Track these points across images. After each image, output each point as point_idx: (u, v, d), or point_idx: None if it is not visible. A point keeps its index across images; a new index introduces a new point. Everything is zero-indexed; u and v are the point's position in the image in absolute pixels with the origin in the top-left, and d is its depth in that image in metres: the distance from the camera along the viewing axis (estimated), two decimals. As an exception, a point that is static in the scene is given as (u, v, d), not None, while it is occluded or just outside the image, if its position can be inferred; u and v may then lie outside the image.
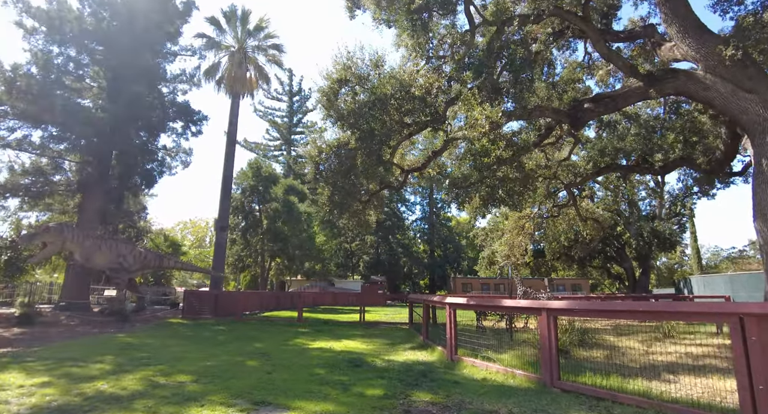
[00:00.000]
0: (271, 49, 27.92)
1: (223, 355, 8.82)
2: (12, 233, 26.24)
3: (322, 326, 15.60)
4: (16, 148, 20.57)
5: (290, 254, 29.92)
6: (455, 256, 62.89)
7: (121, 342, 10.39)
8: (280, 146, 54.86)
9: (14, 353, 8.23)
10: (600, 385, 5.88)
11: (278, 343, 11.18)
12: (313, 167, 13.85)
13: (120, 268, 16.49)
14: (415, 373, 7.30)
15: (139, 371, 6.81)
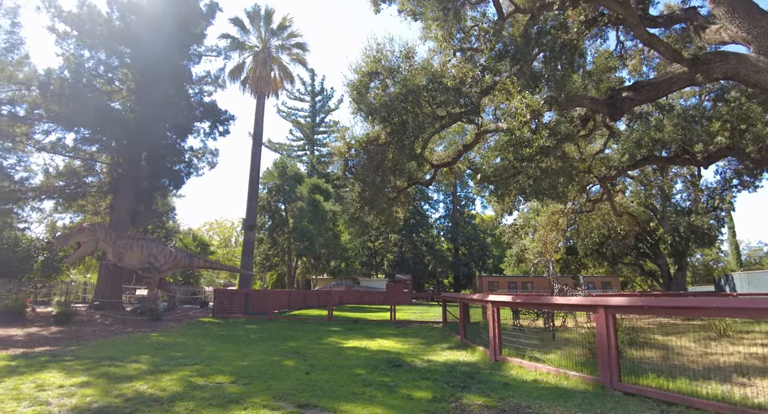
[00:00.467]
0: (295, 48, 27.89)
1: (258, 355, 8.64)
2: (48, 234, 26.94)
3: (353, 325, 15.36)
4: (51, 151, 21.02)
5: (316, 253, 29.85)
6: (480, 254, 62.03)
7: (155, 341, 10.34)
8: (304, 146, 55.01)
9: (53, 352, 8.21)
10: (667, 388, 5.42)
11: (312, 342, 10.97)
12: (342, 164, 13.61)
13: (151, 267, 16.60)
14: (461, 375, 6.94)
15: (176, 371, 6.65)
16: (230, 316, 17.03)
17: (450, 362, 8.15)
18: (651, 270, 38.93)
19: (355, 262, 40.99)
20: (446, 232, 64.38)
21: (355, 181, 13.07)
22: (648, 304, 5.48)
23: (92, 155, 20.85)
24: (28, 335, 10.81)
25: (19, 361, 7.05)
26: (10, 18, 27.89)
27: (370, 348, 10.03)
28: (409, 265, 51.44)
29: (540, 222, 21.54)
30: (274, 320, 16.52)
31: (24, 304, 13.66)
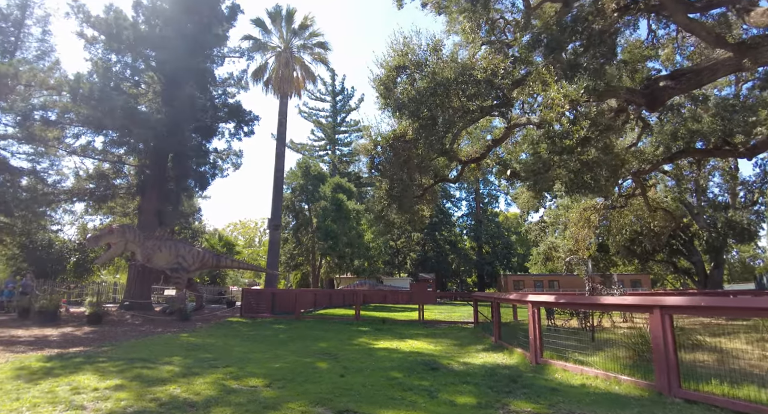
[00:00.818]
0: (317, 47, 27.80)
1: (290, 356, 8.47)
2: (79, 236, 27.57)
3: (380, 325, 15.13)
4: (81, 154, 21.45)
5: (340, 252, 29.74)
6: (505, 252, 61.04)
7: (185, 342, 10.29)
8: (325, 146, 55.06)
9: (86, 353, 8.21)
10: (734, 395, 4.99)
11: (342, 342, 10.77)
12: (369, 161, 13.37)
13: (179, 267, 16.70)
14: (502, 378, 6.61)
15: (208, 374, 6.51)
16: (257, 316, 17.01)
17: (488, 365, 7.81)
18: (685, 268, 37.55)
19: (378, 261, 40.80)
20: (469, 230, 63.53)
21: (382, 178, 12.80)
22: (712, 304, 5.05)
23: (120, 158, 21.16)
24: (63, 335, 10.92)
25: (54, 362, 7.03)
26: (41, 26, 28.65)
27: (402, 349, 9.77)
28: (433, 263, 50.98)
29: (571, 218, 20.90)
30: (302, 320, 16.42)
31: (58, 305, 13.88)
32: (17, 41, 27.14)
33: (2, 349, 8.48)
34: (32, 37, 28.00)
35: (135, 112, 15.30)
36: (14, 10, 27.51)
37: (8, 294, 16.71)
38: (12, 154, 25.33)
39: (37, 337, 10.38)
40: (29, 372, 6.28)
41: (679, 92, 12.92)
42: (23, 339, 10.06)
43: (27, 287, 17.14)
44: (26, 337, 10.34)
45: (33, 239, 24.60)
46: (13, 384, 5.56)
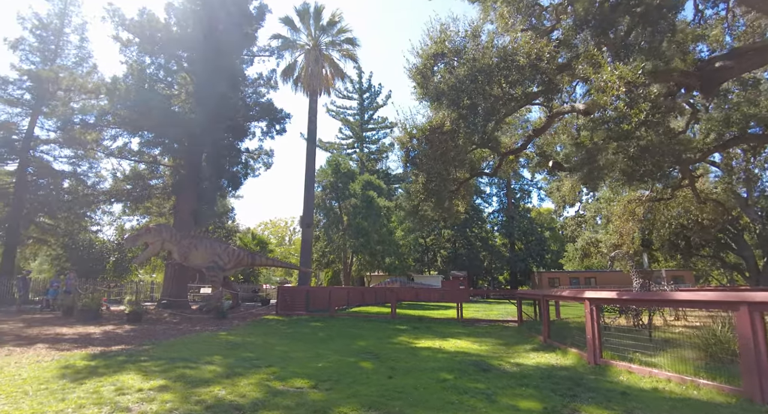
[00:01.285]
0: (345, 43, 27.58)
1: (331, 355, 8.19)
2: (117, 236, 28.27)
3: (418, 323, 14.74)
4: (118, 156, 21.89)
5: (372, 249, 29.50)
6: (538, 249, 59.52)
7: (224, 340, 10.17)
8: (353, 144, 55.02)
9: (128, 351, 8.15)
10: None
11: (382, 341, 10.44)
12: (404, 154, 12.99)
13: (215, 266, 16.75)
14: (563, 380, 6.13)
15: (252, 374, 6.27)
16: (293, 313, 16.91)
17: (543, 366, 7.33)
18: (733, 263, 35.57)
19: (409, 259, 40.43)
20: (501, 226, 62.26)
21: (418, 171, 12.39)
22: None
23: (155, 158, 21.48)
24: (105, 333, 10.99)
25: (98, 361, 6.96)
26: (79, 34, 29.47)
27: (446, 349, 9.36)
28: (464, 261, 50.17)
29: (614, 212, 19.94)
30: (337, 317, 16.20)
31: (99, 303, 14.10)
32: (57, 49, 28.00)
33: (48, 347, 8.52)
34: (71, 44, 28.86)
35: (169, 112, 15.41)
36: (53, 19, 28.40)
37: (53, 293, 17.14)
38: (54, 158, 26.21)
39: (81, 335, 10.47)
40: (74, 371, 6.20)
41: (738, 73, 12.03)
42: (68, 337, 10.15)
43: (70, 286, 17.55)
44: (71, 335, 10.44)
45: (75, 240, 25.31)
46: (58, 383, 5.46)
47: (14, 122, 25.35)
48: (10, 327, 11.59)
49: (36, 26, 27.11)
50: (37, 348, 8.36)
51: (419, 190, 12.65)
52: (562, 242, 71.39)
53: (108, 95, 16.02)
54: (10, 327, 11.59)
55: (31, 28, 27.00)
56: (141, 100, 15.66)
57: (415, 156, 12.46)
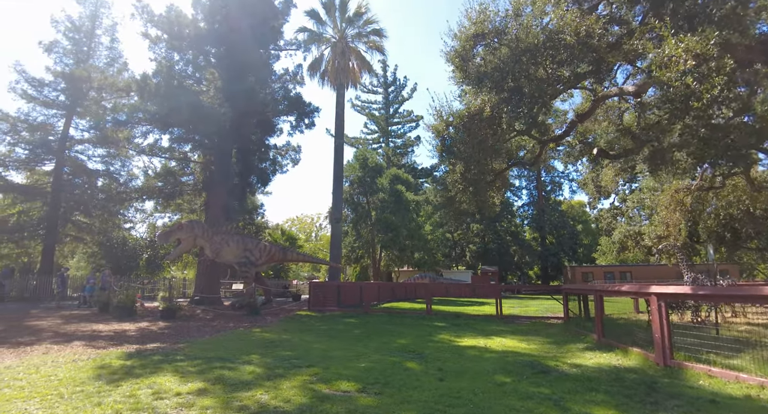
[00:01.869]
0: (372, 34, 27.05)
1: (373, 354, 7.74)
2: (149, 234, 28.64)
3: (455, 320, 14.17)
4: (149, 154, 22.04)
5: (401, 244, 29.00)
6: (570, 243, 57.76)
7: (259, 338, 9.87)
8: (378, 139, 54.57)
9: (164, 350, 7.90)
10: None
11: (422, 339, 9.95)
12: (439, 143, 12.41)
13: (247, 261, 16.57)
14: (634, 385, 5.51)
15: (293, 376, 5.88)
16: (325, 309, 16.60)
17: (605, 367, 6.69)
18: (785, 255, 33.48)
19: (437, 254, 39.75)
20: (531, 220, 60.70)
21: (455, 160, 11.80)
22: None
23: (186, 155, 21.50)
24: (139, 330, 10.86)
25: (134, 361, 6.70)
26: (110, 35, 29.85)
27: (493, 348, 8.79)
28: (494, 255, 49.09)
29: (661, 202, 18.78)
30: (371, 314, 15.78)
31: (134, 300, 14.07)
32: (89, 50, 28.42)
33: (85, 345, 8.37)
34: (102, 45, 29.28)
35: (199, 107, 15.24)
36: (85, 21, 28.83)
37: (89, 290, 17.32)
38: (88, 158, 26.68)
39: (116, 332, 10.36)
40: (110, 371, 5.93)
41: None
42: (104, 334, 10.04)
43: (105, 283, 17.71)
44: (106, 332, 10.34)
45: (109, 237, 25.71)
46: (94, 385, 5.17)
47: (50, 123, 25.91)
48: (49, 323, 11.61)
49: (69, 29, 27.56)
50: (73, 345, 8.22)
51: (457, 180, 12.06)
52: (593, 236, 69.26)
53: (138, 92, 15.98)
54: (49, 323, 11.61)
55: (64, 30, 27.47)
56: (171, 95, 15.54)
57: (451, 144, 11.86)
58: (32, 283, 21.13)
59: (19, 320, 12.15)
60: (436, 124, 12.36)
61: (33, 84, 25.36)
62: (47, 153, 25.05)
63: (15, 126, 24.46)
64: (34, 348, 7.92)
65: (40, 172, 26.20)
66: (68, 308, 16.08)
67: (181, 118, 14.70)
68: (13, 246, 25.25)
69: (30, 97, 25.14)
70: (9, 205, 25.61)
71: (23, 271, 23.81)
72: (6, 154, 24.52)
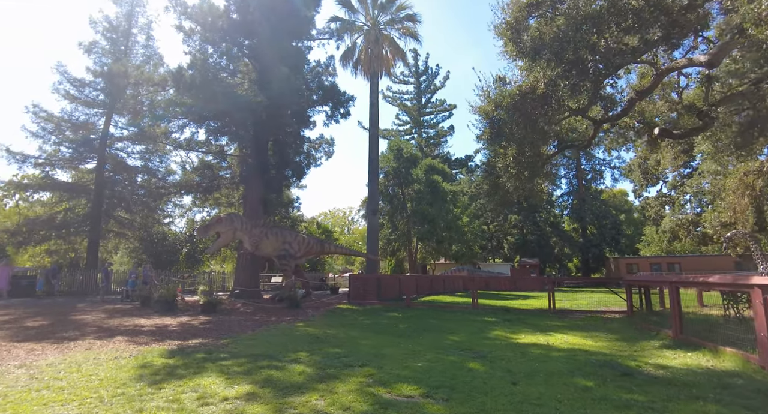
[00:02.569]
0: (406, 20, 26.23)
1: (427, 352, 7.13)
2: (188, 229, 28.97)
3: (505, 314, 13.37)
4: (186, 148, 22.07)
5: (439, 236, 28.25)
6: (613, 233, 55.26)
7: (304, 333, 9.43)
8: (411, 130, 53.71)
9: (206, 346, 7.53)
10: None
11: (474, 335, 9.27)
12: (487, 126, 11.59)
13: (286, 254, 16.27)
14: (749, 393, 4.68)
15: (347, 377, 5.33)
16: (365, 303, 16.12)
17: (697, 369, 5.85)
18: None
19: (475, 246, 38.73)
20: (571, 210, 58.42)
21: (507, 144, 10.96)
22: None
23: (222, 149, 21.42)
24: (181, 325, 10.63)
25: (177, 359, 6.31)
26: (145, 33, 30.16)
27: (557, 345, 8.02)
28: (533, 247, 47.51)
29: (727, 186, 17.27)
30: (412, 307, 15.18)
31: (174, 294, 13.96)
32: (126, 49, 28.76)
33: (127, 340, 8.12)
34: (138, 44, 29.57)
35: (235, 96, 14.93)
36: (122, 20, 29.17)
37: (131, 284, 17.45)
38: (128, 155, 27.10)
39: (158, 327, 10.14)
40: (152, 371, 5.54)
41: None
42: (146, 329, 9.83)
43: (147, 277, 17.81)
44: (148, 327, 10.14)
45: (150, 232, 26.09)
46: (136, 387, 4.76)
47: (92, 122, 26.44)
48: (93, 318, 11.57)
49: (106, 29, 27.96)
50: (116, 341, 7.97)
51: (509, 164, 11.22)
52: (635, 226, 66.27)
53: (174, 84, 15.83)
54: (93, 318, 11.57)
55: (102, 30, 27.88)
56: (206, 86, 15.28)
57: (501, 126, 11.02)
58: (79, 278, 21.61)
59: (66, 314, 12.19)
60: (483, 106, 11.56)
61: (74, 84, 25.89)
62: (89, 151, 25.57)
63: (59, 126, 25.05)
64: (78, 343, 7.70)
65: (83, 170, 26.79)
66: (112, 302, 16.22)
67: (218, 108, 14.42)
68: (60, 242, 25.97)
69: (72, 97, 25.69)
70: (56, 203, 26.34)
71: (71, 266, 24.44)
72: (52, 153, 25.17)
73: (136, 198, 26.18)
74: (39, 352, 6.87)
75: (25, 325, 9.90)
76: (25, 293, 18.57)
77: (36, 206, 27.14)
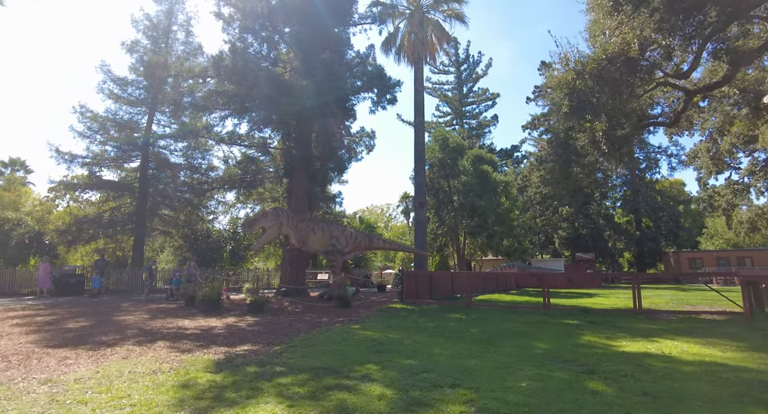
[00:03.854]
0: (451, 1, 24.64)
1: (521, 365, 5.77)
2: (231, 226, 28.56)
3: (585, 316, 11.75)
4: (229, 143, 21.48)
5: (490, 230, 26.55)
6: (671, 226, 51.43)
7: (363, 337, 8.25)
8: (452, 121, 51.84)
9: (258, 356, 6.47)
10: None
11: (564, 342, 7.81)
12: (565, 97, 10.01)
13: (334, 250, 15.23)
14: None
15: (440, 403, 4.08)
16: (420, 302, 14.86)
17: None
18: None
19: (525, 241, 36.65)
20: (624, 201, 54.83)
21: (595, 116, 9.37)
22: None
23: (265, 142, 20.68)
24: (227, 327, 9.71)
25: (225, 375, 5.23)
26: (185, 29, 29.95)
27: (678, 356, 6.48)
28: (586, 241, 44.69)
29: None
30: (474, 308, 13.75)
31: (219, 293, 13.15)
32: (167, 47, 28.62)
33: (169, 346, 7.20)
34: (178, 41, 29.39)
35: (279, 81, 13.96)
36: (162, 18, 29.07)
37: (176, 282, 16.92)
38: (171, 152, 26.94)
39: (203, 330, 9.24)
40: (195, 393, 4.45)
41: None
42: (189, 332, 8.94)
43: (191, 275, 17.24)
44: (192, 329, 9.26)
45: (193, 230, 25.81)
46: (174, 416, 3.68)
47: (135, 121, 26.44)
48: (136, 319, 10.85)
49: (147, 27, 27.90)
50: (156, 348, 7.04)
51: (598, 140, 9.62)
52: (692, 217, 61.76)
53: (215, 70, 15.07)
54: (136, 319, 10.85)
55: (144, 29, 27.85)
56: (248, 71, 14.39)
57: (584, 97, 9.43)
58: (125, 277, 21.49)
59: (108, 315, 11.56)
60: (561, 75, 10.00)
61: (118, 83, 25.96)
62: (133, 149, 25.56)
63: (104, 125, 25.14)
64: (115, 350, 6.82)
65: (128, 168, 26.87)
66: (156, 301, 15.70)
67: (262, 93, 13.45)
68: (108, 240, 26.11)
69: (116, 96, 25.75)
70: (103, 202, 26.52)
71: (118, 264, 24.46)
72: (99, 153, 25.32)
73: (179, 195, 25.99)
74: (71, 361, 5.99)
75: (65, 327, 9.22)
76: (74, 292, 18.42)
77: (85, 206, 27.43)
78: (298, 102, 14.01)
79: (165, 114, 26.63)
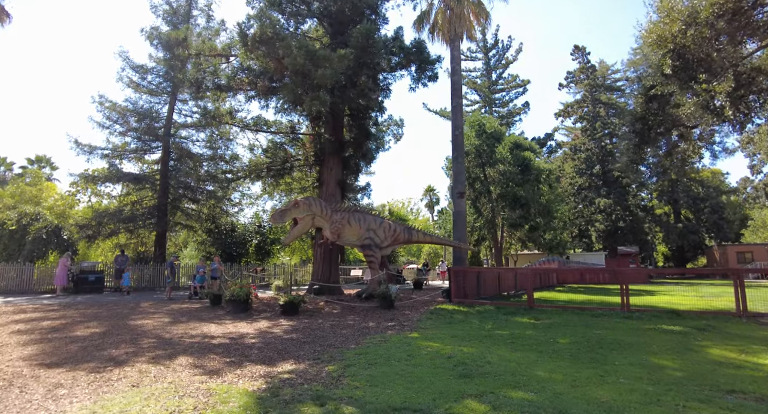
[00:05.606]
0: (489, -28, 22.74)
1: (682, 400, 4.04)
2: (256, 219, 27.21)
3: (681, 320, 9.79)
4: (254, 129, 20.05)
5: (533, 223, 24.58)
6: (714, 218, 48.25)
7: (432, 353, 6.60)
8: (481, 109, 49.61)
9: (308, 382, 4.90)
10: None
11: (687, 358, 6.03)
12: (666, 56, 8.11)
13: (371, 244, 13.63)
14: None
15: None
16: (471, 302, 13.16)
17: None
18: None
19: (564, 234, 34.45)
20: (662, 192, 51.74)
21: (710, 75, 7.46)
22: None
23: (293, 127, 19.18)
24: (260, 334, 8.21)
25: (271, 417, 3.66)
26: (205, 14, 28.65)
27: None
28: (625, 234, 42.08)
29: None
30: (538, 309, 11.93)
31: (248, 292, 11.66)
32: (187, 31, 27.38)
33: (192, 365, 5.70)
34: (198, 27, 28.16)
35: (314, 50, 12.31)
36: (182, 2, 27.87)
37: (200, 279, 15.57)
38: (193, 143, 25.76)
39: (232, 338, 7.74)
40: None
41: None
42: (217, 341, 7.45)
43: (215, 271, 15.90)
44: (220, 338, 7.77)
45: (217, 224, 24.58)
46: None
47: (155, 110, 25.32)
48: (155, 323, 9.43)
49: (167, 12, 26.75)
50: (176, 368, 5.53)
51: (715, 106, 7.71)
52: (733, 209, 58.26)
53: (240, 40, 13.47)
54: (155, 323, 9.43)
55: (163, 14, 26.70)
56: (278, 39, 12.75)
57: (696, 53, 7.53)
58: (147, 273, 20.38)
59: (125, 318, 10.19)
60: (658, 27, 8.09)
61: (137, 71, 24.92)
62: (154, 140, 24.46)
63: (124, 114, 24.08)
64: (124, 371, 5.34)
65: (149, 160, 25.79)
66: (178, 300, 14.38)
67: (295, 63, 11.79)
68: (129, 235, 25.07)
69: (135, 84, 24.71)
70: (124, 195, 25.49)
71: (139, 260, 23.36)
72: (120, 145, 24.30)
73: (201, 188, 24.78)
74: (64, 391, 4.50)
75: (72, 335, 7.83)
76: (93, 290, 17.29)
77: (106, 199, 26.46)
78: (336, 75, 12.36)
79: (186, 103, 25.46)
